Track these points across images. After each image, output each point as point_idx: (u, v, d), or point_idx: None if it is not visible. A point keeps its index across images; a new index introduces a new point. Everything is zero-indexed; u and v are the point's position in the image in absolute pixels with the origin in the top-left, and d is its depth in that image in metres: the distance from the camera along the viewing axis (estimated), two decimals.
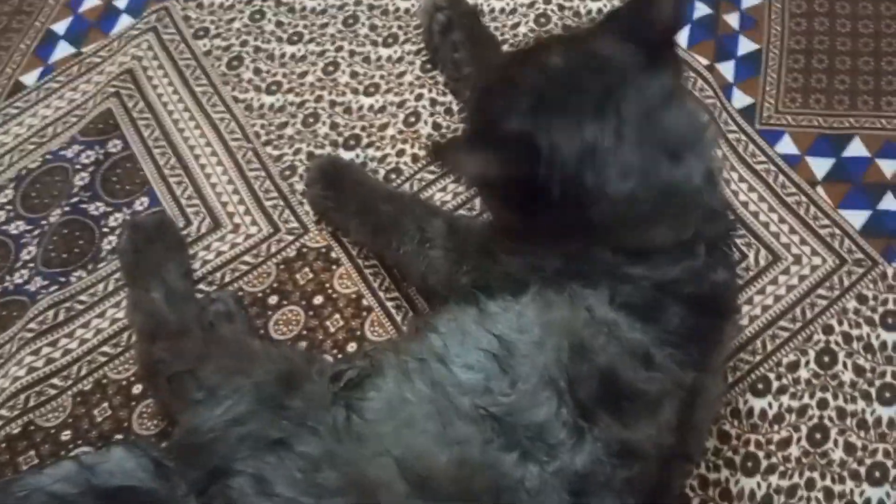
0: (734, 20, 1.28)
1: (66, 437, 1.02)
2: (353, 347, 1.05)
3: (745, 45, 1.26)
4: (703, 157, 0.82)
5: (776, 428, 0.98)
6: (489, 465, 0.74)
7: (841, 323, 1.04)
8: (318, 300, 1.09)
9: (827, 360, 1.01)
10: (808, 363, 1.01)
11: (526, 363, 0.77)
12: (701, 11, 1.29)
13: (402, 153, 1.19)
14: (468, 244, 0.95)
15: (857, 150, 1.16)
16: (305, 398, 0.83)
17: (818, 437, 0.97)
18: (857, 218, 1.10)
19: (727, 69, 1.23)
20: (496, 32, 1.26)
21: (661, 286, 0.81)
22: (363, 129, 1.21)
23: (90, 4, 1.38)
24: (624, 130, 0.78)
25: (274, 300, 1.09)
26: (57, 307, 1.10)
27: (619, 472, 0.75)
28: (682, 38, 1.22)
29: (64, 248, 1.14)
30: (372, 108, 1.23)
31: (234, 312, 1.05)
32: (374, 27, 1.30)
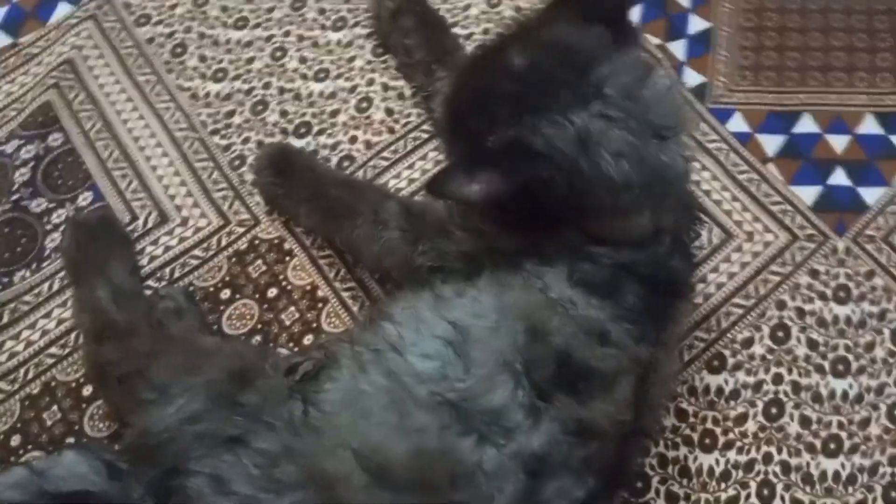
0: None
1: (15, 442, 1.00)
2: (309, 340, 1.04)
3: (695, 23, 1.26)
4: (682, 140, 0.83)
5: (732, 404, 0.99)
6: (446, 451, 0.75)
7: (794, 298, 1.05)
8: (272, 293, 1.07)
9: (781, 335, 1.03)
10: (762, 339, 1.02)
11: (482, 348, 0.78)
12: None
13: (354, 140, 1.17)
14: (424, 224, 0.94)
15: (807, 126, 1.17)
16: (260, 393, 0.82)
17: (774, 411, 0.98)
18: (808, 194, 1.11)
19: (678, 48, 1.23)
20: (448, 14, 1.25)
21: (621, 266, 0.82)
22: (314, 115, 1.19)
23: None
24: (609, 111, 0.77)
25: (227, 294, 1.07)
26: (0, 308, 1.07)
27: (576, 450, 0.76)
28: (633, 17, 1.22)
29: (6, 247, 1.11)
30: (322, 94, 1.21)
31: (184, 308, 1.03)
32: (322, 10, 1.28)
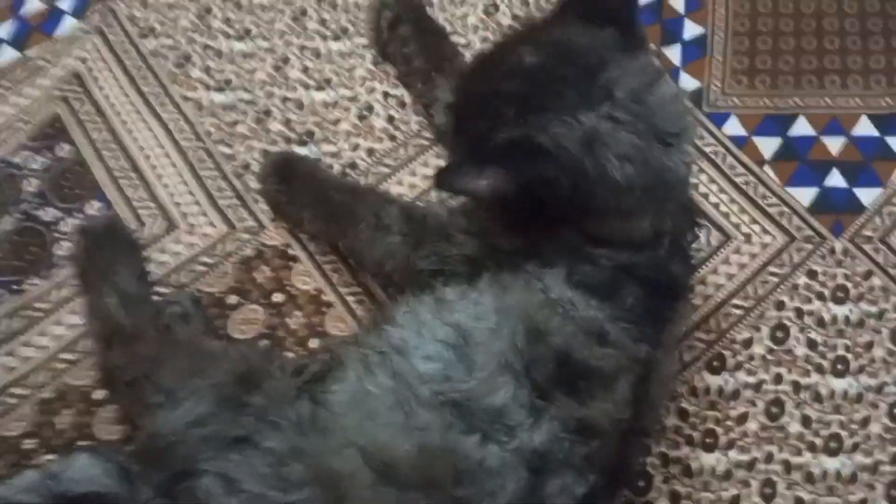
0: (679, 4, 1.30)
1: (29, 445, 1.01)
2: (314, 343, 1.05)
3: (690, 28, 1.28)
4: (686, 147, 0.84)
5: (733, 404, 1.00)
6: (450, 449, 0.76)
7: (792, 298, 1.06)
8: (277, 298, 1.09)
9: (780, 335, 1.04)
10: (762, 339, 1.04)
11: (483, 350, 0.79)
12: None
13: (356, 147, 1.19)
14: (425, 228, 0.96)
15: (803, 128, 1.18)
16: (266, 395, 0.84)
17: (775, 411, 0.99)
18: (804, 195, 1.13)
19: (673, 53, 1.25)
20: (446, 24, 1.27)
21: (621, 268, 0.83)
22: (316, 124, 1.21)
23: (33, 7, 1.35)
24: (617, 114, 0.78)
25: (233, 300, 1.09)
26: (13, 315, 1.08)
27: (577, 448, 0.77)
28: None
29: (16, 255, 1.13)
30: (324, 102, 1.23)
31: (190, 313, 1.04)
32: (323, 21, 1.30)
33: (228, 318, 1.07)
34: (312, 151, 1.19)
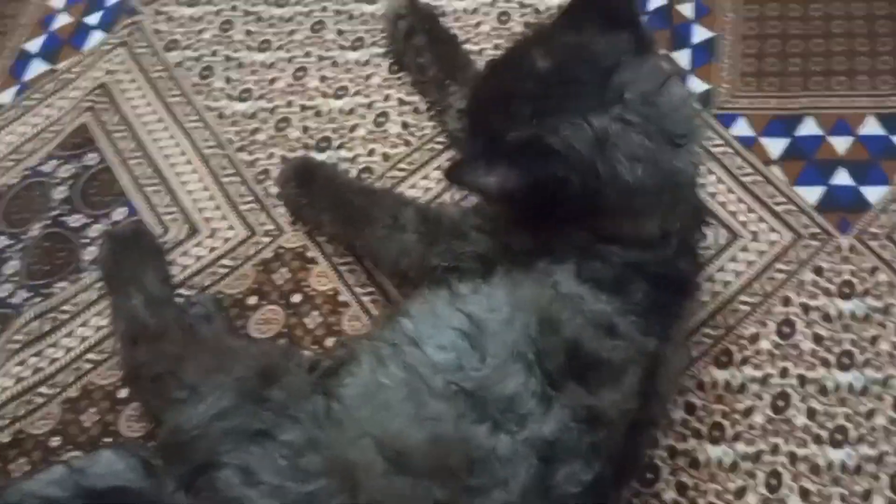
0: (689, 10, 1.32)
1: (55, 443, 1.04)
2: (331, 342, 1.08)
3: (699, 33, 1.30)
4: (695, 148, 0.86)
5: (740, 397, 1.01)
6: (462, 438, 0.77)
7: (799, 294, 1.07)
8: (296, 298, 1.12)
9: (787, 330, 1.05)
10: (768, 334, 1.05)
11: (496, 339, 0.81)
12: (656, 2, 1.33)
13: (372, 153, 1.22)
14: (440, 227, 0.98)
15: (810, 129, 1.19)
16: (285, 389, 0.86)
17: (780, 404, 1.01)
18: (811, 194, 1.14)
19: (683, 57, 1.27)
20: (460, 32, 1.30)
21: (630, 265, 0.86)
22: (334, 130, 1.25)
23: (62, 22, 1.40)
24: (628, 115, 0.81)
25: (253, 301, 1.12)
26: (41, 318, 1.12)
27: (585, 436, 0.79)
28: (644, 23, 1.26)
29: (46, 260, 1.17)
30: (342, 110, 1.26)
31: (212, 314, 1.07)
32: (340, 32, 1.34)
33: (248, 318, 1.11)
34: (330, 157, 1.21)
